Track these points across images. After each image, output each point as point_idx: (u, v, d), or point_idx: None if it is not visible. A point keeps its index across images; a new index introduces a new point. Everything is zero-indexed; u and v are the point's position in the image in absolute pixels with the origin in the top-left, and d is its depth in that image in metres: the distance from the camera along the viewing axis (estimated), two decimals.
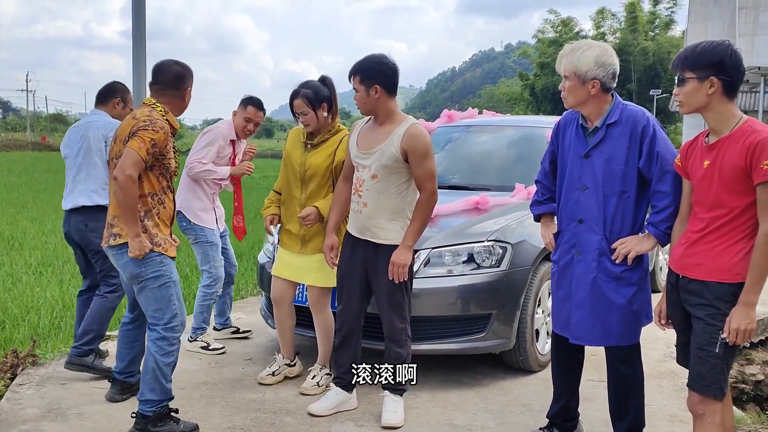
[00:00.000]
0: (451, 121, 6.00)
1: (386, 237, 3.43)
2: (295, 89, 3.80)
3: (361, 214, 3.47)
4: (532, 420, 3.58)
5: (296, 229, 3.86)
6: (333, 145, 3.81)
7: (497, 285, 3.97)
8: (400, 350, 3.51)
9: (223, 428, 3.43)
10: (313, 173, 3.80)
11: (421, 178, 3.40)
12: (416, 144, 3.35)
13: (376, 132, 3.45)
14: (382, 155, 3.38)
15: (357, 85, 3.40)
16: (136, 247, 3.17)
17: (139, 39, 5.59)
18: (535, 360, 4.25)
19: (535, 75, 49.35)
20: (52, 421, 3.46)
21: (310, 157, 3.81)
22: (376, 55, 3.44)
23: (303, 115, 3.76)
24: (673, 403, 3.91)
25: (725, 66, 2.52)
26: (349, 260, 3.57)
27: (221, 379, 4.12)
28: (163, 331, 3.30)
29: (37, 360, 4.28)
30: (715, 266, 2.56)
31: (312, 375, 3.93)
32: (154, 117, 3.23)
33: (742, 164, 2.46)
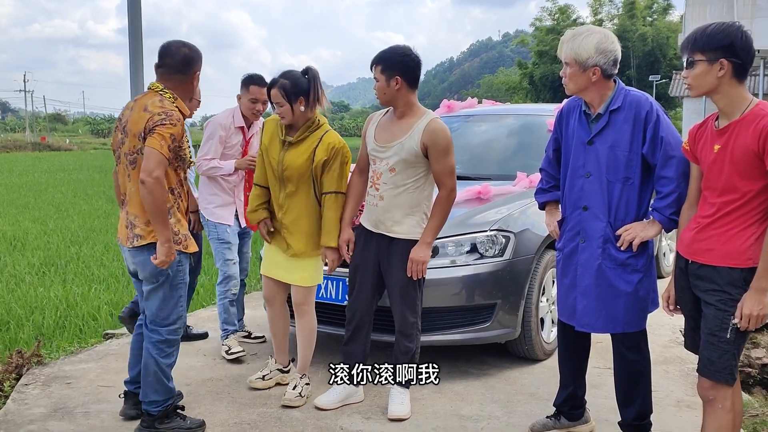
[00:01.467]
0: (451, 111, 5.97)
1: (401, 231, 3.40)
2: (273, 78, 3.56)
3: (376, 207, 3.43)
4: (539, 409, 3.58)
5: (281, 231, 3.68)
6: (313, 142, 3.56)
7: (501, 274, 3.96)
8: (410, 344, 3.50)
9: (230, 424, 3.43)
10: (291, 174, 3.54)
11: (441, 174, 3.37)
12: (437, 139, 3.32)
13: (395, 125, 3.39)
14: (402, 149, 3.33)
15: (378, 75, 3.34)
16: (164, 252, 3.03)
17: (136, 36, 5.56)
18: (540, 349, 4.24)
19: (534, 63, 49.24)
20: (59, 421, 3.45)
21: (288, 155, 3.55)
22: (401, 47, 3.38)
23: (278, 106, 3.51)
24: (680, 388, 3.90)
25: (736, 48, 2.48)
26: (362, 253, 3.53)
27: (227, 374, 4.12)
28: (167, 334, 3.23)
29: (42, 360, 4.28)
30: (725, 251, 2.54)
31: (293, 385, 3.70)
32: (167, 108, 3.08)
33: (755, 148, 2.43)
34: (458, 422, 3.45)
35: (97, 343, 4.77)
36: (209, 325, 5.18)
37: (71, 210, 12.81)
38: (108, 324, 5.26)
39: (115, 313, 5.47)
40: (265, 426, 3.41)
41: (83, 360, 4.37)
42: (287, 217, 3.60)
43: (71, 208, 13.05)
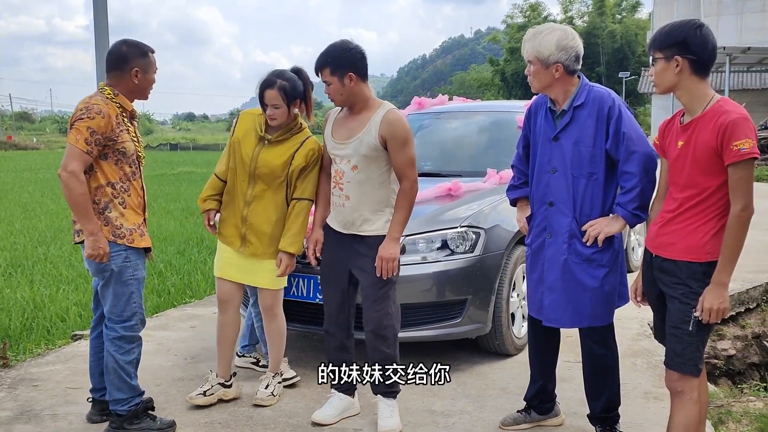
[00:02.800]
0: (422, 108, 5.99)
1: (371, 229, 3.27)
2: (268, 78, 3.39)
3: (344, 207, 3.28)
4: (509, 403, 3.61)
5: (237, 225, 3.51)
6: (293, 146, 3.45)
7: (472, 270, 3.98)
8: (389, 350, 3.31)
9: (201, 423, 3.40)
10: (264, 172, 3.42)
11: (402, 166, 3.22)
12: (395, 130, 3.18)
13: (351, 120, 3.27)
14: (361, 144, 3.20)
15: (328, 78, 3.16)
16: (90, 245, 3.03)
17: (102, 33, 5.48)
18: (511, 344, 4.28)
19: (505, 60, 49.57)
20: (26, 424, 3.40)
21: (264, 153, 3.43)
22: (339, 43, 3.22)
23: (274, 108, 3.37)
24: (648, 380, 3.96)
25: (690, 44, 2.53)
26: (331, 254, 3.39)
27: (198, 374, 4.08)
28: (123, 330, 3.19)
29: (8, 362, 4.21)
30: (686, 246, 2.59)
31: (265, 384, 3.63)
32: (91, 103, 3.09)
33: (714, 145, 2.48)
34: (430, 418, 3.47)
35: (64, 344, 4.71)
36: (179, 325, 5.15)
37: (38, 210, 12.60)
38: (77, 325, 5.19)
39: (83, 314, 5.40)
40: (237, 425, 3.39)
41: (51, 362, 4.30)
42: (253, 215, 3.47)
43: (38, 208, 12.83)
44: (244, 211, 3.48)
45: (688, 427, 2.64)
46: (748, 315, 5.94)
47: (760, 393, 4.52)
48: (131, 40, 3.30)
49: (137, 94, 3.30)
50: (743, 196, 2.46)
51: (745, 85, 30.96)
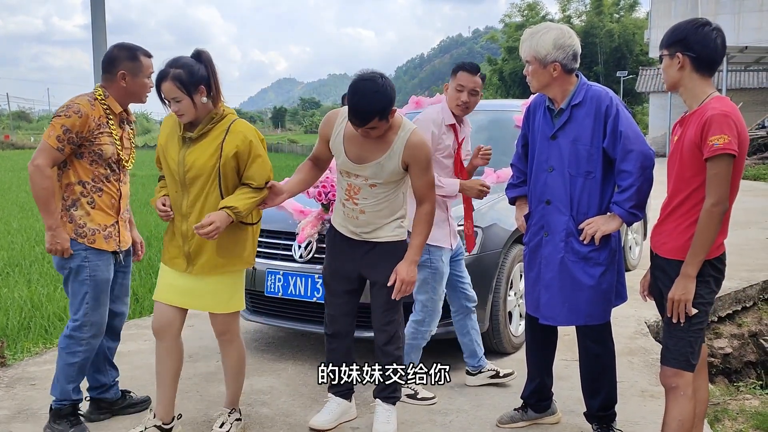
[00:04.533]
0: (420, 107, 5.97)
1: (384, 235, 3.21)
2: (162, 69, 2.95)
3: (357, 219, 3.20)
4: (506, 401, 3.62)
5: (179, 245, 3.06)
6: (218, 136, 2.99)
7: (469, 269, 3.97)
8: (398, 352, 3.28)
9: (198, 422, 3.41)
10: (195, 174, 2.97)
11: (424, 189, 3.13)
12: (420, 155, 3.07)
13: (369, 141, 3.07)
14: (382, 170, 3.07)
15: (377, 123, 2.95)
16: (47, 239, 3.06)
17: (100, 32, 5.48)
18: (509, 342, 4.28)
19: (503, 59, 49.57)
20: (24, 422, 3.40)
21: (190, 153, 2.98)
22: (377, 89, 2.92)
23: (175, 102, 2.93)
24: (644, 378, 3.97)
25: (690, 42, 2.56)
26: (340, 258, 3.29)
27: (195, 373, 4.09)
28: (71, 330, 3.17)
29: (6, 361, 4.21)
30: (676, 245, 2.61)
31: (220, 422, 3.21)
32: (73, 102, 3.11)
33: (697, 141, 2.51)
34: (427, 416, 3.48)
35: None
36: None
37: (36, 209, 12.58)
38: None
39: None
40: None
41: (48, 361, 4.30)
42: (191, 228, 2.98)
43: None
44: (183, 227, 3.04)
45: (682, 423, 2.66)
46: (745, 313, 5.96)
47: (756, 391, 4.54)
48: (126, 43, 3.29)
49: (130, 98, 3.28)
50: (716, 192, 2.48)
51: (742, 84, 31.01)
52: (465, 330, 3.84)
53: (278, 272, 4.15)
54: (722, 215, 2.51)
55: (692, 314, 2.57)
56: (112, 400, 3.49)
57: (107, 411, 3.46)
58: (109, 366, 3.50)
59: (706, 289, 2.59)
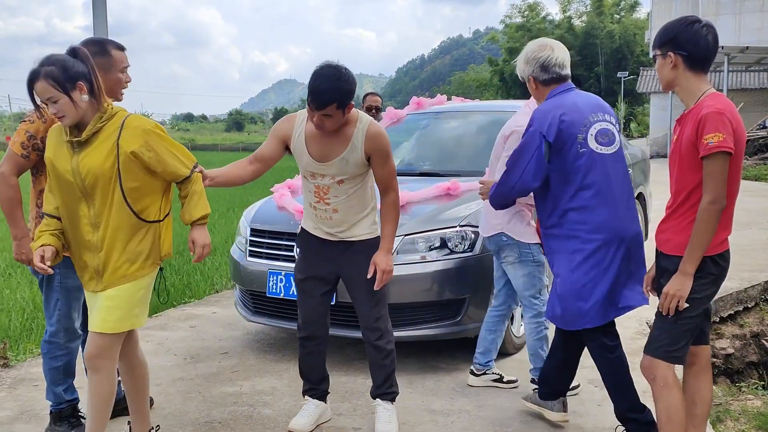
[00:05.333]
0: (421, 108, 6.00)
1: (360, 233, 3.25)
2: (33, 69, 2.66)
3: (331, 220, 3.22)
4: (508, 402, 3.62)
5: (92, 260, 2.75)
6: (112, 134, 2.71)
7: (471, 269, 3.99)
8: (389, 346, 3.28)
9: (201, 423, 3.41)
10: (94, 181, 2.68)
11: (388, 178, 3.18)
12: (380, 145, 3.12)
13: (329, 137, 3.10)
14: (347, 164, 3.11)
15: (333, 112, 2.96)
16: (14, 250, 3.01)
17: (101, 34, 5.52)
18: (510, 342, 4.28)
19: (504, 60, 49.58)
20: (26, 423, 3.41)
21: (84, 159, 2.68)
22: (340, 75, 2.96)
23: (52, 102, 2.63)
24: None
25: (680, 40, 2.59)
26: (314, 261, 3.29)
27: (197, 374, 4.09)
28: (49, 335, 3.15)
29: (8, 362, 4.22)
30: (678, 242, 2.63)
31: None
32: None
33: (693, 139, 2.53)
34: (429, 417, 3.48)
35: None
36: (179, 325, 5.16)
37: None
38: None
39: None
40: (236, 424, 3.40)
41: None
42: (102, 237, 2.73)
43: None
44: (95, 237, 2.73)
45: (669, 415, 2.68)
46: (747, 314, 5.95)
47: (758, 391, 4.54)
48: (94, 37, 3.19)
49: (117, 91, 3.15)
50: (712, 190, 2.50)
51: (743, 84, 30.98)
52: (495, 328, 3.84)
53: (280, 273, 4.15)
54: (719, 213, 2.52)
55: (682, 309, 2.61)
56: (117, 399, 3.49)
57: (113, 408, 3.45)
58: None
59: (701, 285, 2.61)
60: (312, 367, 3.39)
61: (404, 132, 5.79)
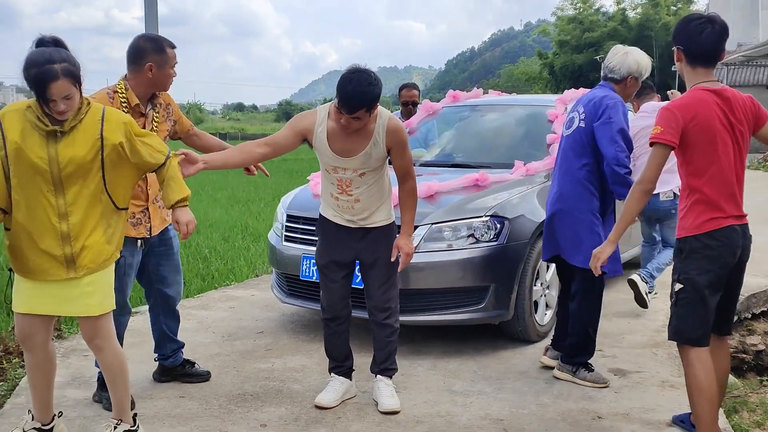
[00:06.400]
0: (456, 101, 6.12)
1: (380, 219, 3.44)
2: (41, 69, 2.59)
3: (353, 209, 3.40)
4: (527, 386, 3.76)
5: (58, 248, 2.75)
6: (93, 125, 2.76)
7: (495, 258, 4.13)
8: (396, 325, 3.53)
9: (234, 395, 3.65)
10: (74, 170, 2.71)
11: (405, 167, 3.39)
12: (399, 138, 3.31)
13: (351, 134, 3.24)
14: (369, 159, 3.28)
15: (363, 115, 3.14)
16: None
17: (152, 24, 5.82)
18: (534, 331, 4.41)
19: (554, 53, 48.90)
20: (76, 389, 3.70)
21: (63, 148, 2.70)
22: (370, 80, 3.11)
23: (66, 100, 2.64)
24: (667, 370, 4.05)
25: (678, 36, 2.90)
26: (334, 246, 3.47)
27: (233, 350, 4.34)
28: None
29: (62, 334, 4.54)
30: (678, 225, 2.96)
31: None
32: (92, 96, 3.14)
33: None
34: (449, 396, 3.64)
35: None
36: (219, 305, 5.43)
37: None
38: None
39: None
40: (267, 397, 3.62)
41: None
42: (80, 226, 2.77)
43: None
44: (63, 227, 2.76)
45: (694, 391, 2.91)
46: None
47: None
48: (150, 34, 3.42)
49: (153, 88, 3.38)
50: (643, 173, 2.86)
51: None
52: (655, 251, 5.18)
53: (313, 257, 4.35)
54: (645, 193, 2.87)
55: (677, 289, 2.86)
56: (171, 367, 3.81)
57: (168, 375, 3.81)
58: (169, 341, 3.78)
59: (692, 264, 2.82)
60: (336, 346, 3.60)
61: (438, 124, 5.94)
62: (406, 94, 6.30)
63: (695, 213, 2.81)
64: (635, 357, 4.26)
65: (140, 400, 3.50)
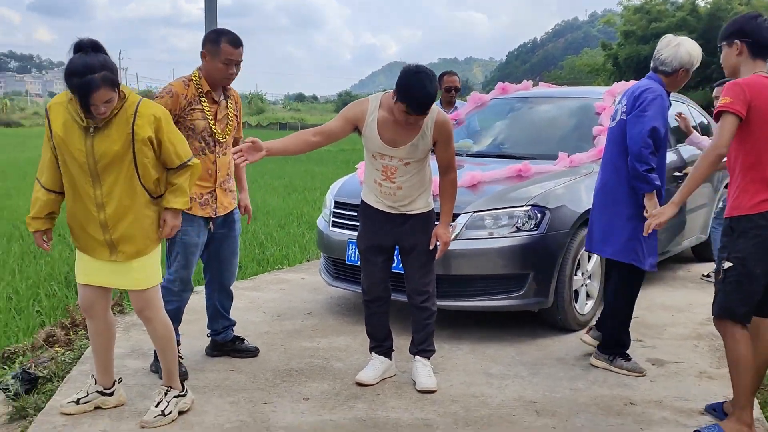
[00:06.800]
0: (505, 93, 6.19)
1: (419, 207, 3.58)
2: (83, 79, 2.74)
3: (395, 195, 3.53)
4: (563, 372, 3.85)
5: (100, 234, 3.00)
6: (127, 120, 2.91)
7: (535, 247, 4.21)
8: (434, 308, 3.67)
9: (280, 370, 3.85)
10: (109, 162, 2.91)
11: (449, 159, 3.54)
12: (446, 131, 3.47)
13: (400, 125, 3.39)
14: (416, 150, 3.44)
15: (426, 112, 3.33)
16: None
17: (211, 14, 6.09)
18: (574, 319, 4.48)
19: (620, 44, 47.67)
20: (135, 359, 3.97)
21: (99, 142, 2.88)
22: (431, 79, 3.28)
23: (107, 104, 2.83)
24: (706, 361, 4.07)
25: (745, 30, 3.04)
26: (376, 231, 3.62)
27: (281, 329, 4.56)
28: (166, 282, 3.56)
29: (124, 309, 4.85)
30: (730, 205, 3.04)
31: (157, 401, 3.18)
32: (170, 83, 3.54)
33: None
34: (485, 379, 3.76)
35: None
36: (270, 287, 5.67)
37: None
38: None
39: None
40: (311, 373, 3.81)
41: None
42: (115, 217, 2.98)
43: None
44: (101, 216, 2.98)
45: (734, 365, 3.02)
46: None
47: None
48: (220, 28, 3.66)
49: (210, 78, 3.56)
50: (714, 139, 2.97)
51: None
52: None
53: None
54: (718, 157, 2.94)
55: (726, 267, 2.95)
56: (222, 343, 4.05)
57: (219, 350, 4.04)
58: (221, 317, 4.02)
59: (744, 243, 2.92)
60: (376, 326, 3.76)
61: (486, 116, 6.02)
62: (448, 79, 6.27)
63: (750, 192, 2.92)
64: (675, 348, 4.29)
65: (193, 372, 3.75)
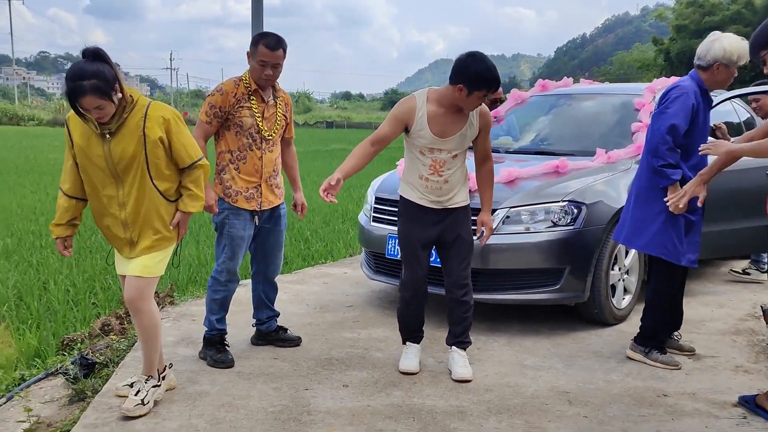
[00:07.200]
0: (545, 90, 6.24)
1: (460, 200, 3.71)
2: (73, 84, 2.88)
3: (440, 189, 3.63)
4: (598, 364, 3.91)
5: (122, 232, 3.21)
6: (137, 123, 3.07)
7: (571, 242, 4.28)
8: (471, 301, 3.77)
9: (321, 359, 4.01)
10: (127, 165, 3.09)
11: (487, 148, 3.75)
12: (488, 120, 3.69)
13: (449, 117, 3.54)
14: (464, 139, 3.60)
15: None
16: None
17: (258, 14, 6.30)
18: (610, 314, 4.53)
19: (671, 39, 46.70)
20: (185, 348, 4.18)
21: (114, 146, 3.06)
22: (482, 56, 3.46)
23: (98, 110, 2.94)
24: (743, 356, 4.08)
25: None
26: (420, 228, 3.69)
27: (323, 321, 4.72)
28: (214, 273, 3.84)
29: (174, 301, 5.08)
30: None
31: (136, 390, 3.25)
32: (222, 83, 3.76)
33: None
34: (519, 370, 3.85)
35: None
36: (314, 281, 5.85)
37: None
38: None
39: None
40: (350, 362, 3.96)
41: None
42: (135, 213, 3.17)
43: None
44: (123, 215, 3.18)
45: None
46: None
47: None
48: (266, 32, 3.84)
49: (256, 74, 3.71)
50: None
51: None
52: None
53: (397, 237, 4.65)
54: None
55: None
56: (266, 332, 4.24)
57: (264, 339, 4.23)
58: (266, 308, 4.20)
59: None
60: (413, 318, 3.88)
61: (526, 113, 6.09)
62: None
63: None
64: (713, 343, 4.31)
65: (239, 360, 3.93)
